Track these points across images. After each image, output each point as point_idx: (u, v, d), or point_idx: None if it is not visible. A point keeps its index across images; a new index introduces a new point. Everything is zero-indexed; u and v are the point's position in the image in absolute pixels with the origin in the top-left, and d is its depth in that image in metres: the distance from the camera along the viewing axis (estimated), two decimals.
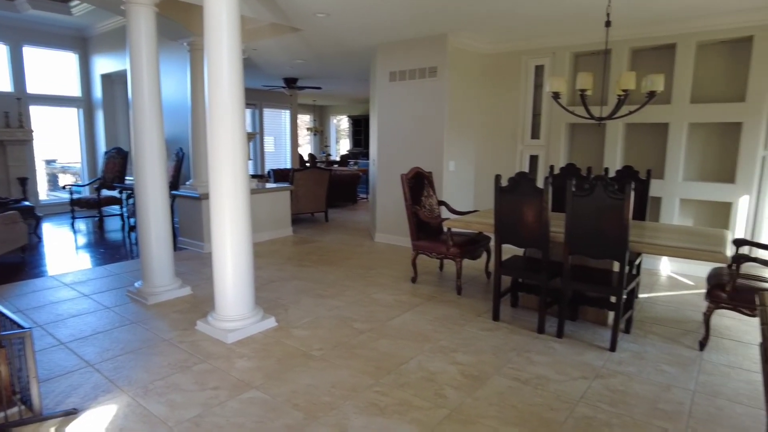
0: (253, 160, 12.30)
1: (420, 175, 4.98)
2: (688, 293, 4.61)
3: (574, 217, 3.36)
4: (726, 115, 4.90)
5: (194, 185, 6.11)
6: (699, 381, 2.94)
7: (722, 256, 3.05)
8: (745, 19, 4.63)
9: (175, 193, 6.29)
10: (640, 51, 5.48)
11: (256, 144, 12.26)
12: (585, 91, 3.74)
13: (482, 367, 3.10)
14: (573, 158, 6.11)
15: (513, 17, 4.96)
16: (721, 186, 5.01)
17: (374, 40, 6.11)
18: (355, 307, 4.16)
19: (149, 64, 4.00)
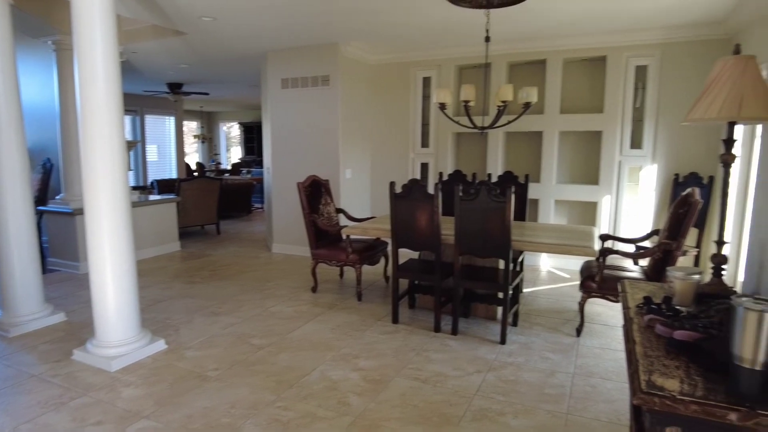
0: (134, 171, 11.38)
1: (317, 183, 4.96)
2: (565, 285, 5.09)
3: (462, 220, 3.56)
4: (589, 125, 5.51)
5: (66, 199, 5.50)
6: (577, 364, 3.25)
7: (591, 251, 3.42)
8: (600, 41, 5.25)
9: (43, 209, 5.62)
10: (516, 65, 5.97)
11: (137, 153, 11.36)
12: (468, 102, 3.98)
13: (384, 370, 3.15)
14: (459, 165, 6.48)
15: (398, 31, 5.14)
16: (587, 187, 5.61)
17: (264, 46, 5.98)
18: (252, 322, 4.02)
19: (4, 63, 3.54)
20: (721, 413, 1.04)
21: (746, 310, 1.06)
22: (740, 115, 1.61)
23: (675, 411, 1.07)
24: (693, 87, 4.94)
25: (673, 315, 1.48)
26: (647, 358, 1.27)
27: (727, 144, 1.79)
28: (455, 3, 4.06)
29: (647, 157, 5.29)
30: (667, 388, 1.10)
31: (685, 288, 1.60)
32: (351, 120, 6.22)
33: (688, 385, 1.12)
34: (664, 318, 1.46)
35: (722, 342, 1.18)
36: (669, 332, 1.36)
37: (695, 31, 4.86)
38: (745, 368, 1.06)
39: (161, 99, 11.29)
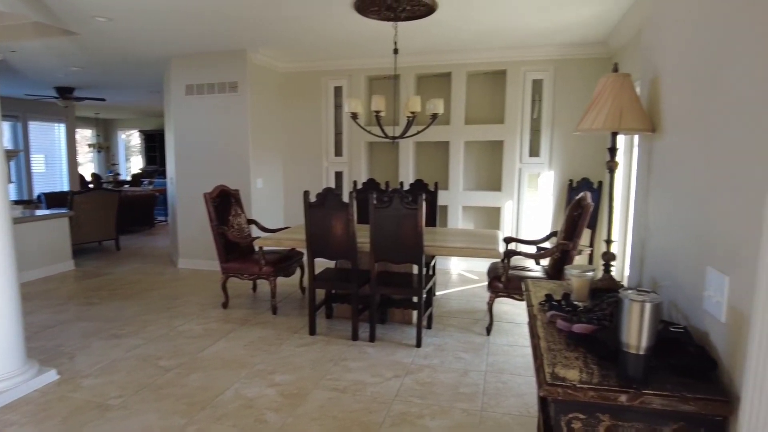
0: (15, 183, 10.24)
1: (226, 193, 4.77)
2: (475, 287, 5.33)
3: (377, 228, 3.61)
4: (491, 135, 5.84)
5: None
6: (488, 362, 3.41)
7: (496, 253, 3.61)
8: (500, 55, 5.61)
9: None
10: (424, 77, 6.19)
11: (19, 163, 10.24)
12: (379, 112, 4.06)
13: (301, 383, 3.09)
14: (373, 174, 6.57)
15: (308, 40, 5.12)
16: (491, 194, 5.94)
17: (167, 50, 5.67)
18: (159, 342, 3.77)
19: None
20: (613, 396, 1.15)
21: (631, 302, 1.18)
22: (621, 126, 1.79)
23: (576, 399, 1.16)
24: (582, 100, 5.42)
25: (571, 310, 1.61)
26: (551, 351, 1.36)
27: (611, 152, 1.99)
28: (364, 14, 4.13)
29: (545, 164, 5.71)
30: (569, 378, 1.19)
31: (581, 284, 1.75)
32: (262, 128, 6.08)
33: (586, 373, 1.22)
34: (564, 313, 1.58)
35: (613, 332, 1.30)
36: (568, 326, 1.48)
37: (583, 49, 5.34)
38: (632, 354, 1.18)
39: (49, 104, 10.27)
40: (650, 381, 1.17)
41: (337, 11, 4.16)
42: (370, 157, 6.59)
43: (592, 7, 4.02)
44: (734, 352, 1.14)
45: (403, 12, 4.02)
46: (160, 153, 14.64)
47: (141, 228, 9.62)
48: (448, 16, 4.27)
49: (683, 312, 1.48)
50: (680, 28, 1.65)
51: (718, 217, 1.26)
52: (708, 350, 1.27)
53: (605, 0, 3.86)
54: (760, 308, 0.95)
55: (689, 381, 1.17)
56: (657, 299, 1.17)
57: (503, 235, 5.17)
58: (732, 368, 1.15)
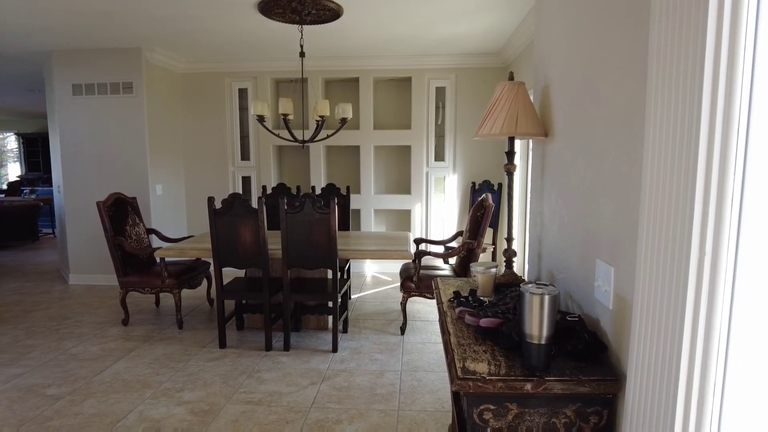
0: None
1: (122, 201, 4.43)
2: (389, 288, 5.41)
3: (289, 233, 3.54)
4: (399, 140, 5.98)
5: None
6: (403, 361, 3.48)
7: (408, 254, 3.71)
8: (405, 63, 5.76)
9: None
10: (332, 82, 6.19)
11: None
12: (287, 115, 3.99)
13: (212, 399, 2.95)
14: (283, 178, 6.45)
15: (210, 39, 4.92)
16: (401, 197, 6.08)
17: (48, 44, 5.14)
18: (45, 369, 3.40)
19: None
20: (519, 385, 1.22)
21: (531, 295, 1.26)
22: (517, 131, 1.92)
23: (486, 391, 1.22)
24: (481, 106, 5.73)
25: (478, 305, 1.69)
26: (461, 346, 1.42)
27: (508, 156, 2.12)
28: (268, 16, 4.05)
29: (449, 168, 5.96)
30: (478, 372, 1.25)
31: (485, 280, 1.84)
32: (160, 132, 5.72)
33: (494, 365, 1.29)
34: (471, 309, 1.66)
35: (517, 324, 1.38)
36: (476, 321, 1.55)
37: (481, 59, 5.65)
38: (534, 344, 1.26)
39: None
40: (551, 368, 1.26)
41: (240, 12, 4.04)
42: (279, 162, 6.46)
43: (488, 19, 4.27)
44: (620, 334, 1.27)
45: (309, 16, 3.99)
46: (43, 158, 13.22)
47: (22, 242, 8.63)
48: (353, 22, 4.32)
49: (578, 302, 1.61)
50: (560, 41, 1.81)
51: (602, 214, 1.40)
52: (599, 335, 1.39)
53: (500, 13, 4.11)
54: (640, 294, 1.06)
55: (584, 365, 1.28)
56: (554, 291, 1.27)
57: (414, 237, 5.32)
58: (619, 349, 1.28)
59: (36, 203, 9.04)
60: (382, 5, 3.91)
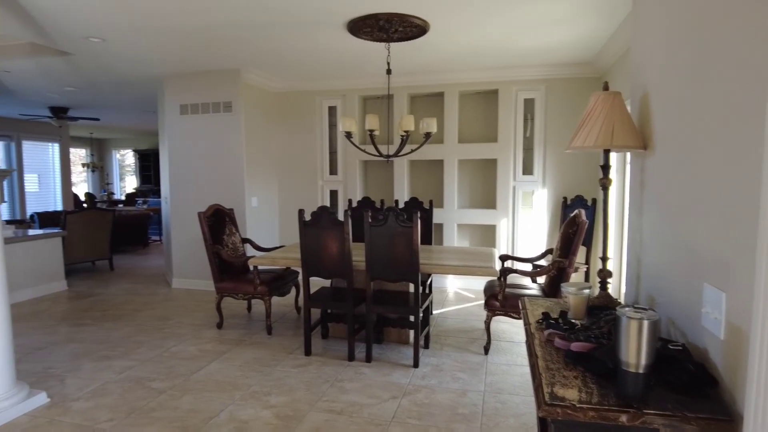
0: (8, 203, 10.18)
1: (220, 212, 4.76)
2: (472, 305, 5.30)
3: (372, 246, 3.60)
4: (485, 153, 5.88)
5: None
6: (487, 382, 3.37)
7: (493, 271, 3.60)
8: (492, 75, 5.68)
9: None
10: (417, 97, 6.25)
11: (12, 183, 10.19)
12: (373, 131, 4.09)
13: (297, 405, 3.04)
14: (368, 192, 6.58)
15: (301, 60, 5.17)
16: (486, 211, 5.95)
17: (161, 70, 5.71)
18: (151, 364, 3.71)
19: None
20: (614, 416, 1.13)
21: (628, 319, 1.17)
22: (613, 143, 1.81)
23: (575, 419, 1.15)
24: (573, 118, 5.48)
25: (569, 328, 1.60)
26: (549, 371, 1.35)
27: (604, 170, 2.00)
28: (357, 36, 4.19)
29: (538, 182, 5.75)
30: (568, 398, 1.18)
31: (577, 302, 1.74)
32: (256, 147, 6.10)
33: (585, 393, 1.21)
34: (561, 331, 1.57)
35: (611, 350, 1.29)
36: (566, 345, 1.47)
37: (573, 69, 5.43)
38: (631, 372, 1.17)
39: (43, 124, 10.27)
40: (650, 400, 1.16)
41: (330, 32, 4.21)
42: (365, 176, 6.61)
43: (580, 28, 4.09)
44: (735, 369, 1.14)
45: (396, 33, 4.08)
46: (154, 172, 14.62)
47: (135, 247, 9.55)
48: (439, 37, 4.34)
49: (681, 329, 1.47)
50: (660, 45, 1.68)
51: (711, 233, 1.27)
52: (707, 367, 1.26)
53: (594, 21, 3.93)
54: (759, 325, 0.95)
55: (688, 400, 1.16)
56: (654, 316, 1.17)
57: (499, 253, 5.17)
58: (733, 386, 1.15)
59: (147, 213, 9.98)
60: (467, 20, 3.89)
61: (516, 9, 3.67)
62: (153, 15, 3.75)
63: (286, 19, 3.88)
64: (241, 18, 3.83)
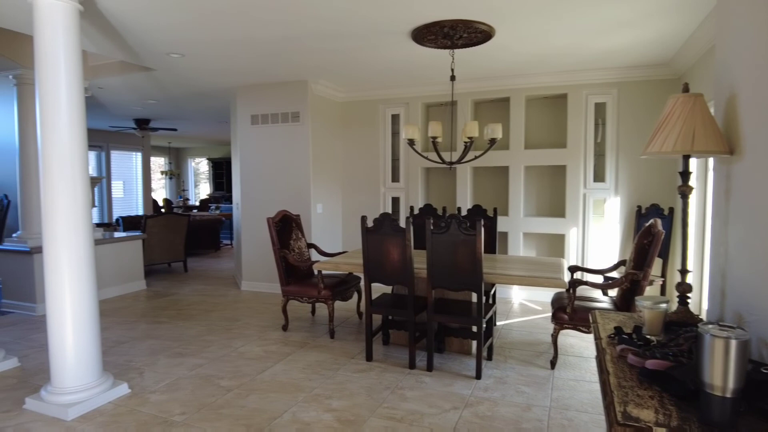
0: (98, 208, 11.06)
1: (287, 218, 4.91)
2: (537, 317, 5.12)
3: (434, 253, 3.57)
4: (553, 159, 5.68)
5: (23, 237, 5.28)
6: (553, 397, 3.24)
7: (561, 282, 3.46)
8: (560, 79, 5.49)
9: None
10: (481, 102, 6.16)
11: (102, 189, 11.08)
12: (436, 138, 4.07)
13: (357, 410, 3.07)
14: (430, 199, 6.55)
15: (366, 69, 5.25)
16: (554, 220, 5.74)
17: (233, 82, 6.01)
18: (220, 363, 3.87)
19: None
20: None
21: (713, 338, 1.08)
22: (693, 148, 1.69)
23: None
24: (648, 122, 5.19)
25: (644, 344, 1.50)
26: (621, 388, 1.27)
27: (683, 176, 1.87)
28: (421, 44, 4.20)
29: (610, 189, 5.48)
30: (643, 419, 1.11)
31: (653, 317, 1.63)
32: (322, 155, 6.25)
33: (662, 414, 1.13)
34: (635, 348, 1.48)
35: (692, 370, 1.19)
36: (641, 362, 1.38)
37: (647, 71, 5.14)
38: (716, 396, 1.08)
39: (128, 135, 11.13)
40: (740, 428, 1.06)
41: (394, 41, 4.25)
42: (426, 183, 6.59)
43: (657, 27, 3.87)
44: None
45: (460, 39, 4.05)
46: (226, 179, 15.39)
47: (207, 251, 10.06)
48: (505, 42, 4.26)
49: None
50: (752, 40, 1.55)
51: None
52: None
53: (673, 19, 3.71)
54: None
55: None
56: (744, 336, 1.07)
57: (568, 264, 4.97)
58: None
59: (219, 218, 10.50)
60: (534, 24, 3.80)
61: (587, 11, 3.53)
62: (227, 30, 3.95)
63: (352, 30, 3.96)
64: (309, 30, 3.96)
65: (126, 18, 3.63)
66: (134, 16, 3.60)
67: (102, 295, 5.78)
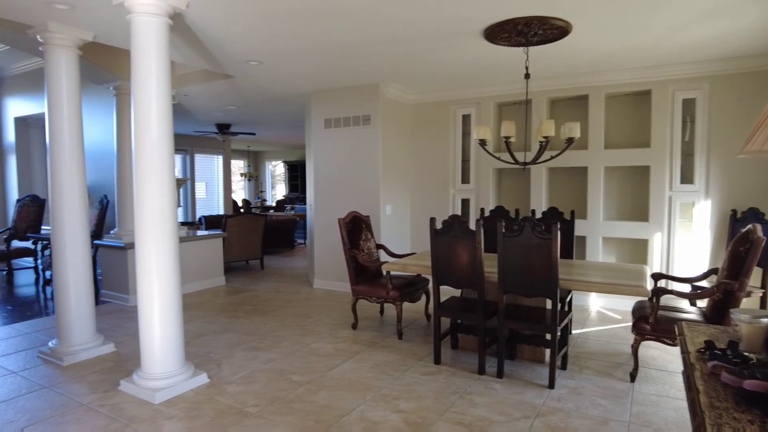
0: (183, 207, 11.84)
1: (357, 219, 4.99)
2: (617, 327, 4.84)
3: (505, 257, 3.47)
4: (636, 160, 5.35)
5: (119, 234, 5.76)
6: (632, 412, 3.04)
7: (644, 290, 3.25)
8: (644, 75, 5.16)
9: (98, 243, 5.89)
10: (557, 101, 5.93)
11: (186, 190, 11.85)
12: (509, 138, 3.96)
13: (425, 413, 3.05)
14: (501, 201, 6.39)
15: (437, 71, 5.22)
16: (637, 224, 5.40)
17: (308, 87, 6.20)
18: (292, 358, 4.00)
19: (70, 107, 3.81)
20: None
21: None
22: None
23: None
24: (744, 118, 4.75)
25: (741, 362, 1.37)
26: (714, 409, 1.16)
27: None
28: (493, 42, 4.11)
29: (700, 192, 5.07)
30: None
31: (753, 332, 1.48)
32: (391, 157, 6.30)
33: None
34: (730, 365, 1.35)
35: None
36: (738, 381, 1.25)
37: (742, 62, 4.70)
38: None
39: (210, 139, 11.84)
40: None
41: (467, 41, 4.19)
42: (498, 185, 6.44)
43: (749, 15, 3.52)
44: None
45: (535, 37, 3.91)
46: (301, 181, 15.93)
47: (282, 249, 10.45)
48: (583, 37, 4.06)
49: None
50: None
51: None
52: None
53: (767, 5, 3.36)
54: None
55: None
56: None
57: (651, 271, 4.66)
58: None
59: (294, 218, 10.87)
60: (614, 17, 3.59)
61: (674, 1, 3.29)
62: (304, 37, 4.08)
63: (424, 32, 3.95)
64: (381, 33, 4.00)
65: (209, 29, 3.86)
66: (217, 27, 3.82)
67: (185, 290, 6.18)
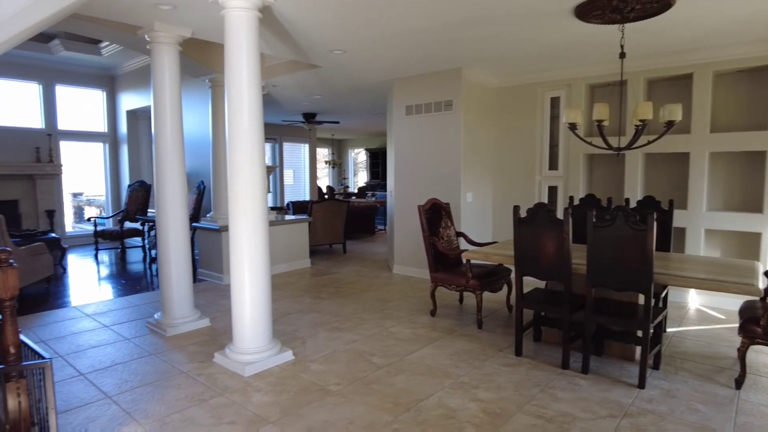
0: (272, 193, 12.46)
1: (437, 206, 4.96)
2: (720, 327, 4.44)
3: (595, 249, 3.29)
4: (748, 144, 4.81)
5: (214, 217, 6.19)
6: (737, 422, 2.79)
7: (755, 289, 2.94)
8: (760, 49, 4.60)
9: (196, 225, 6.37)
10: (655, 81, 5.47)
11: (275, 177, 12.45)
12: (602, 121, 3.72)
13: (504, 404, 2.99)
14: (592, 189, 6.04)
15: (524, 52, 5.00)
16: (748, 216, 4.88)
17: (390, 75, 6.22)
18: (372, 340, 4.10)
19: (172, 100, 4.13)
20: None
21: None
22: None
23: None
24: None
25: None
26: None
27: None
28: (585, 21, 3.86)
29: None
30: None
31: None
32: (472, 143, 6.17)
33: None
34: None
35: None
36: None
37: None
38: None
39: (297, 128, 12.30)
40: None
41: (556, 20, 3.98)
42: (589, 171, 6.09)
43: None
44: None
45: (632, 12, 3.62)
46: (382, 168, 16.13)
47: (363, 235, 10.67)
48: (687, 10, 3.70)
49: None
50: None
51: None
52: None
53: None
54: None
55: None
56: None
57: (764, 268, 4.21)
58: None
59: (374, 204, 11.05)
60: None
61: None
62: (387, 23, 4.09)
63: (510, 12, 3.81)
64: (466, 16, 3.90)
65: (295, 20, 3.98)
66: (302, 18, 3.93)
67: (273, 271, 6.51)
